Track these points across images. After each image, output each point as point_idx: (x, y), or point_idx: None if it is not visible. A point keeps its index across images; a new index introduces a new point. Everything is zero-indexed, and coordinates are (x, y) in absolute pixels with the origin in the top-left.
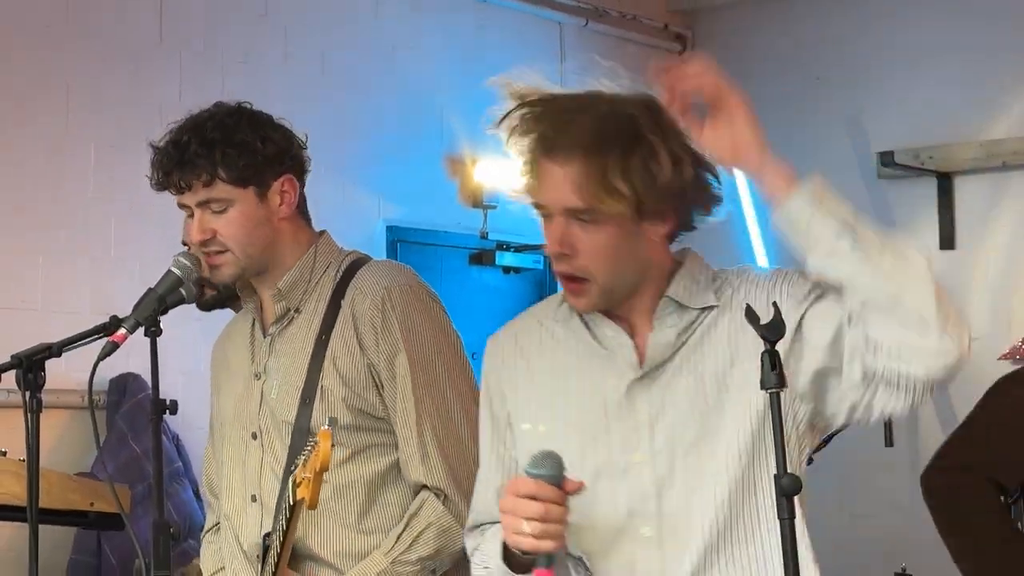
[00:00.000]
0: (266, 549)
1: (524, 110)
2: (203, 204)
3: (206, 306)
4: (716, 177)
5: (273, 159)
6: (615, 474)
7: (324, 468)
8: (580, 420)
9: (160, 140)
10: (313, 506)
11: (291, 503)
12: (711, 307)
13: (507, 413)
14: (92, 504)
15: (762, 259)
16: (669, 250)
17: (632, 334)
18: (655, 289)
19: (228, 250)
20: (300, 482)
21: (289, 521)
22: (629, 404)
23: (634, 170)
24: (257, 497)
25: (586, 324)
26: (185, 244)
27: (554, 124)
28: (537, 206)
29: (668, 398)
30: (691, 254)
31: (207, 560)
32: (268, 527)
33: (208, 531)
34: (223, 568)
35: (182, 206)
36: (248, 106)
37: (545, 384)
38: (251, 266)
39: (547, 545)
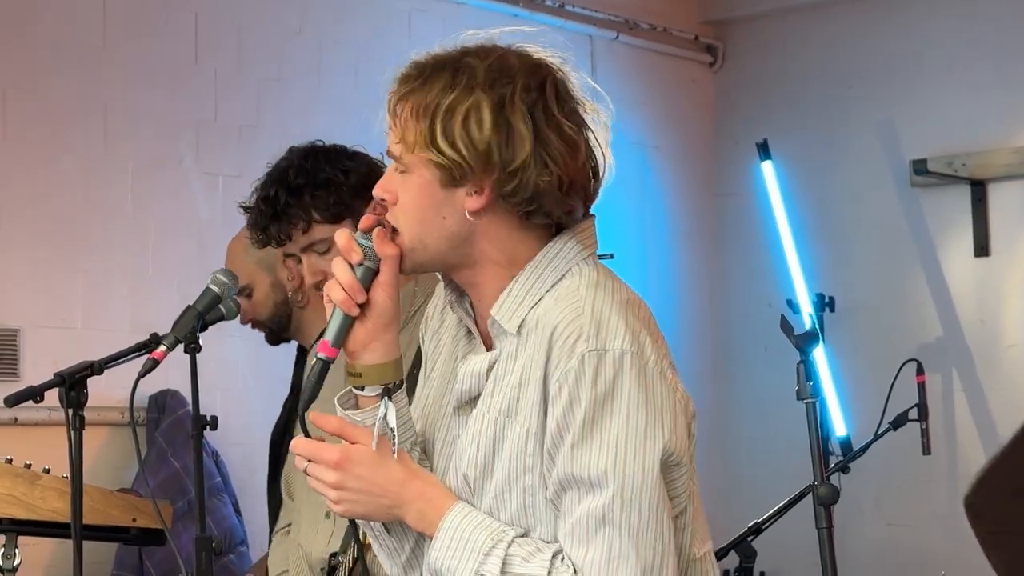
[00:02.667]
0: (333, 569)
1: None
2: (307, 249)
3: (274, 340)
4: (595, 174)
5: (359, 188)
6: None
7: None
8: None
9: (248, 200)
10: None
11: (361, 542)
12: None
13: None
14: (134, 520)
15: (799, 281)
16: (521, 240)
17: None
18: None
19: None
20: None
21: (363, 547)
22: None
23: (455, 125)
24: (331, 514)
25: (467, 327)
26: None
27: (420, 69)
28: None
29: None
30: (553, 246)
31: (275, 558)
32: (336, 546)
33: (279, 530)
34: (287, 571)
35: (287, 255)
36: (320, 143)
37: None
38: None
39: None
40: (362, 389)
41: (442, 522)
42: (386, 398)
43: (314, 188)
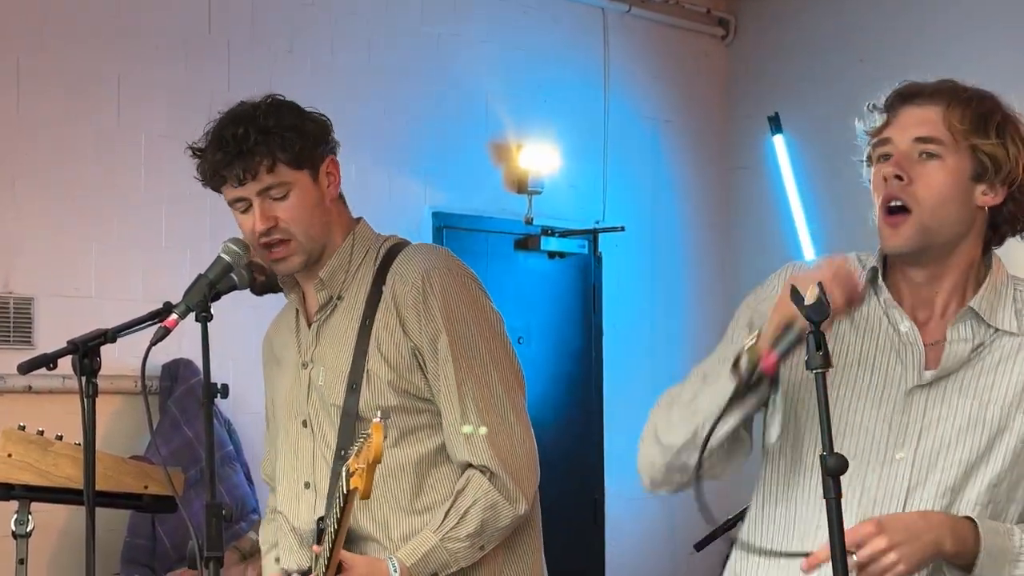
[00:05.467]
0: (320, 532)
1: None
2: (264, 192)
3: (259, 291)
4: None
5: (319, 140)
6: (870, 464)
7: (377, 460)
8: (852, 402)
9: (201, 142)
10: (366, 496)
11: (345, 492)
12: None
13: None
14: (146, 487)
15: (810, 253)
16: None
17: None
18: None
19: (292, 238)
20: (354, 472)
21: (343, 509)
22: (906, 405)
23: (1009, 127)
24: (311, 484)
25: (885, 310)
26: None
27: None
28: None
29: (945, 411)
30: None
31: (266, 533)
32: (321, 511)
33: (270, 511)
34: (277, 544)
35: (237, 200)
36: (281, 97)
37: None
38: (313, 251)
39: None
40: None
41: (981, 537)
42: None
43: (283, 130)
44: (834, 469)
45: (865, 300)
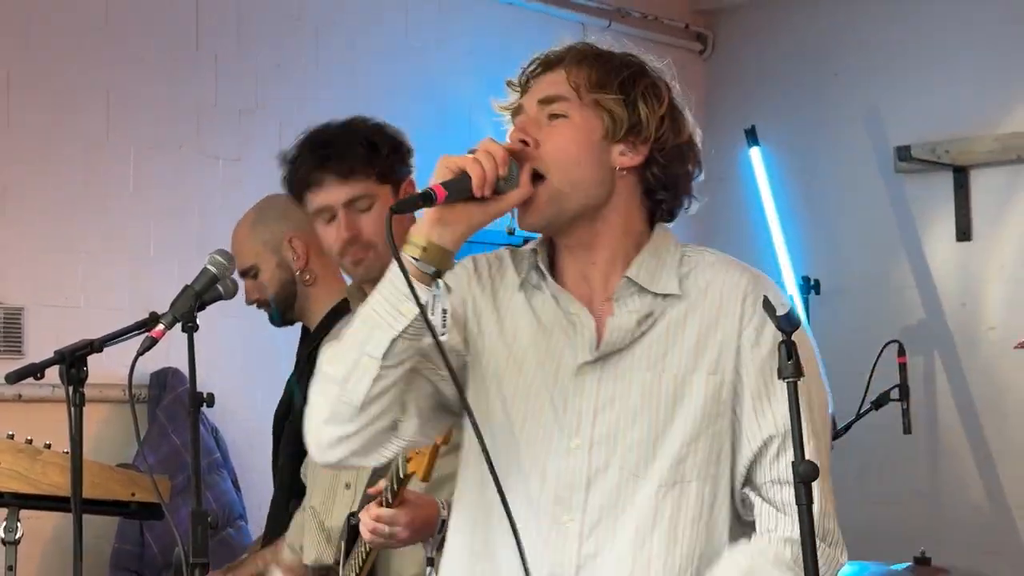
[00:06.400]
0: (353, 528)
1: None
2: (349, 203)
3: (279, 322)
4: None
5: (403, 159)
6: (549, 453)
7: (445, 441)
8: (528, 389)
9: (294, 147)
10: (426, 479)
11: (400, 476)
12: (673, 295)
13: (468, 334)
14: (133, 494)
15: (786, 264)
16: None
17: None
18: (617, 263)
19: (372, 248)
20: (411, 456)
21: (395, 493)
22: (577, 386)
23: (639, 86)
24: (351, 485)
25: (554, 297)
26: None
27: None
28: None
29: (620, 389)
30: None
31: (293, 530)
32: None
33: (302, 508)
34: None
35: (322, 210)
36: (368, 116)
37: (510, 343)
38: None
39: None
40: (416, 262)
41: None
42: (441, 281)
43: (374, 142)
44: (805, 475)
45: (538, 288)
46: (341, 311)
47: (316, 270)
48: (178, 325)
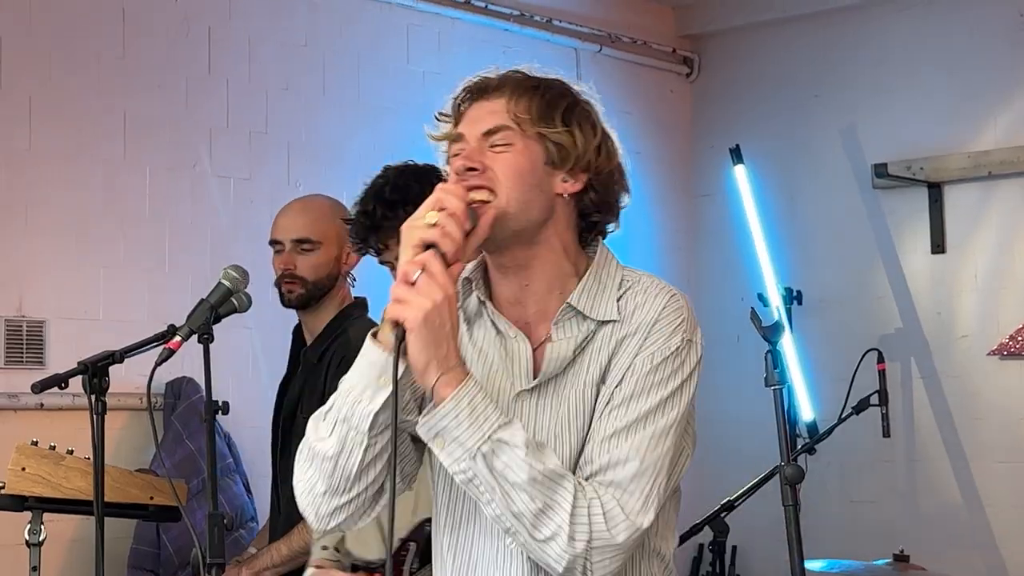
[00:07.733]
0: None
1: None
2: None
3: (295, 304)
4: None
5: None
6: None
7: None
8: None
9: (351, 214)
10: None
11: None
12: (611, 320)
13: None
14: (152, 498)
15: (769, 276)
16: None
17: (529, 338)
18: (553, 284)
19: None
20: None
21: None
22: (516, 412)
23: (575, 114)
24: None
25: (492, 322)
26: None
27: (522, 75)
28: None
29: (555, 408)
30: (601, 249)
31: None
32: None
33: None
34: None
35: (384, 263)
36: (413, 163)
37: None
38: None
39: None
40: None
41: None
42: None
43: (405, 204)
44: (792, 478)
45: (478, 315)
46: (345, 315)
47: (342, 284)
48: (194, 337)
